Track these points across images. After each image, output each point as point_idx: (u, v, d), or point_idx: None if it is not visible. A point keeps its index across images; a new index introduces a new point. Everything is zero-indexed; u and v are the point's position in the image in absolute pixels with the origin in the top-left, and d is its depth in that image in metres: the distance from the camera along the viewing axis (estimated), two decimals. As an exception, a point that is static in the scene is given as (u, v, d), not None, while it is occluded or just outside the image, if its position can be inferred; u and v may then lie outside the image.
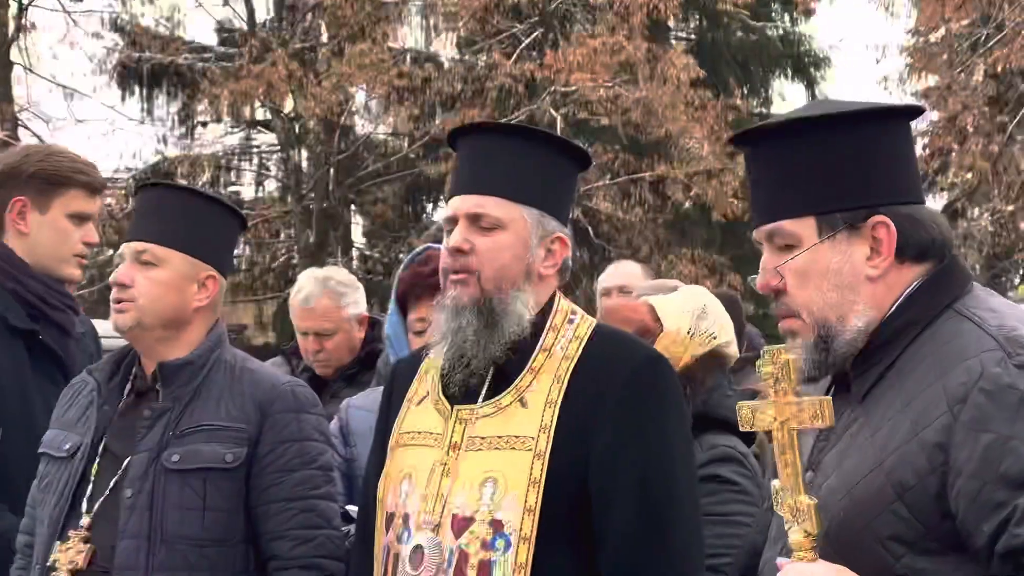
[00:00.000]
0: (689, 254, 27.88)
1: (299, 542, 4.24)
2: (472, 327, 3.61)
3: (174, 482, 4.20)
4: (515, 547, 3.44)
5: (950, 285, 3.03)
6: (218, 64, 27.21)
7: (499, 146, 3.73)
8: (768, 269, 3.08)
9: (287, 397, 4.35)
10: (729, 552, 4.27)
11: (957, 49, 27.68)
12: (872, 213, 2.98)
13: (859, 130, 3.01)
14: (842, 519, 2.89)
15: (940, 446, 2.77)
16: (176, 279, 4.37)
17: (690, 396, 4.41)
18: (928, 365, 2.89)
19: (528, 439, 3.51)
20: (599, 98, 25.67)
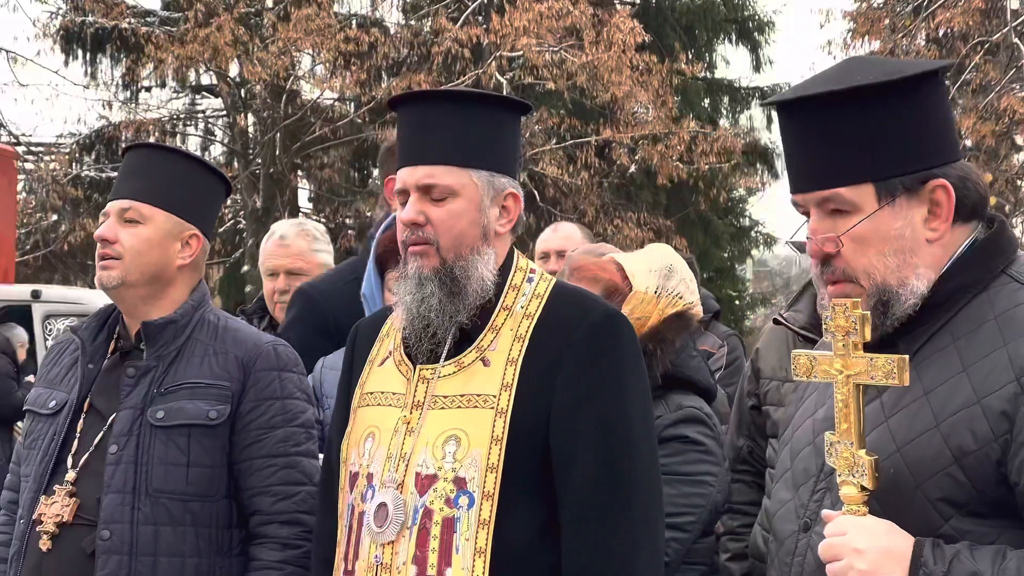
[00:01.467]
0: (635, 217, 28.00)
1: (280, 497, 4.33)
2: (436, 296, 3.65)
3: (159, 438, 4.27)
4: (478, 503, 3.49)
5: (1003, 249, 3.04)
6: (163, 28, 27.06)
7: (440, 113, 3.74)
8: (822, 235, 3.05)
9: (269, 356, 4.43)
10: (693, 511, 4.37)
11: (900, 13, 27.78)
12: (930, 176, 2.97)
13: (909, 94, 2.98)
14: (892, 476, 2.90)
15: (1005, 414, 2.78)
16: (160, 236, 4.43)
17: (659, 357, 4.50)
18: (989, 330, 2.90)
19: (490, 397, 3.57)
20: (545, 63, 25.76)
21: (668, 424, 4.44)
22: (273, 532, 4.32)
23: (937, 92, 3.06)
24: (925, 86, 3.02)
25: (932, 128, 3.01)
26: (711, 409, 4.68)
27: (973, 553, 2.76)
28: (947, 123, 3.06)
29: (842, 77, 3.10)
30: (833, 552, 2.87)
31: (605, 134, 26.98)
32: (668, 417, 4.46)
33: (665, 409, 4.48)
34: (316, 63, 27.91)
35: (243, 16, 26.64)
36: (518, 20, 25.28)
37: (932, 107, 3.02)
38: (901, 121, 2.98)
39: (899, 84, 2.99)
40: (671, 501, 4.25)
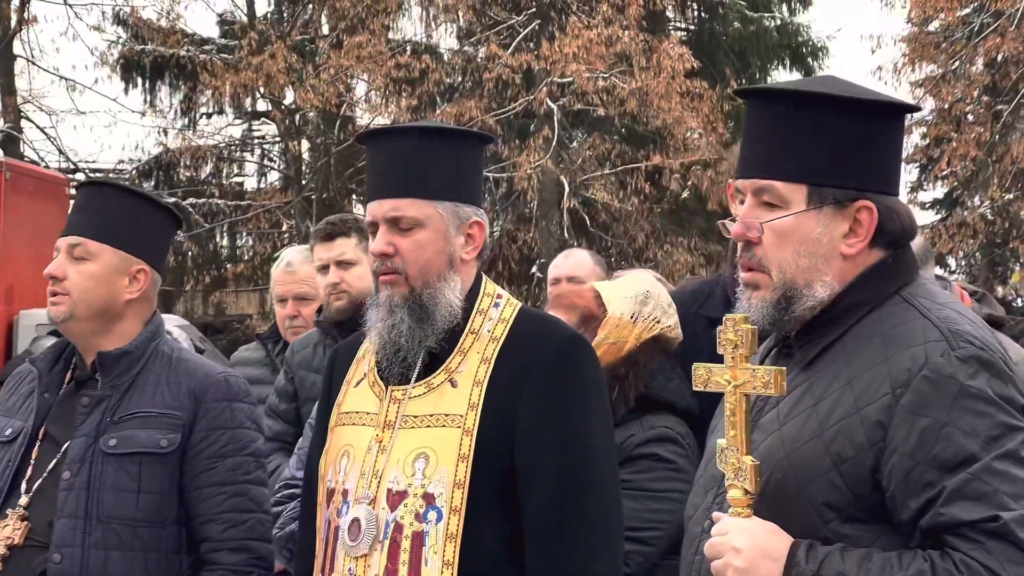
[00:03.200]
0: (686, 243, 27.97)
1: (230, 525, 4.44)
2: (406, 323, 3.83)
3: (111, 465, 4.37)
4: (446, 518, 3.65)
5: (899, 272, 3.22)
6: (219, 56, 27.33)
7: (405, 148, 3.94)
8: (748, 221, 3.23)
9: (220, 386, 4.55)
10: (659, 527, 4.47)
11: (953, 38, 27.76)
12: (860, 196, 3.15)
13: (865, 117, 3.18)
14: (779, 480, 3.08)
15: (880, 424, 2.97)
16: (107, 272, 4.54)
17: (632, 381, 4.62)
18: (875, 346, 3.08)
19: (457, 416, 3.74)
20: (595, 89, 25.79)
21: (639, 443, 4.55)
22: (222, 559, 4.42)
23: (893, 127, 3.26)
24: (884, 117, 3.23)
25: (878, 156, 3.20)
26: (687, 430, 4.75)
27: (844, 555, 2.94)
28: (893, 158, 3.26)
29: (813, 86, 3.29)
30: (715, 550, 3.08)
31: (656, 160, 26.97)
32: (640, 436, 4.57)
33: (639, 429, 4.59)
34: (369, 89, 28.08)
35: (297, 44, 26.89)
36: (568, 47, 25.38)
37: (884, 138, 3.22)
38: (848, 140, 3.16)
39: (856, 105, 3.18)
40: (638, 516, 4.38)
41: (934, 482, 2.90)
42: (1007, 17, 26.29)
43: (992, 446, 2.89)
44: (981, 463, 2.88)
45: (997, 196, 28.37)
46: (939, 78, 28.63)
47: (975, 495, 2.87)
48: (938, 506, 2.89)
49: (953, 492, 2.88)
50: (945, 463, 2.90)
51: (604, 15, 26.13)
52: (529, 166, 25.64)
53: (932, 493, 2.90)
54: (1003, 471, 2.88)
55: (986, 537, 2.85)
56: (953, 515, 2.88)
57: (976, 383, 2.94)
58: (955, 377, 2.95)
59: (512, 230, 27.57)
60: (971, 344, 2.99)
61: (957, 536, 2.88)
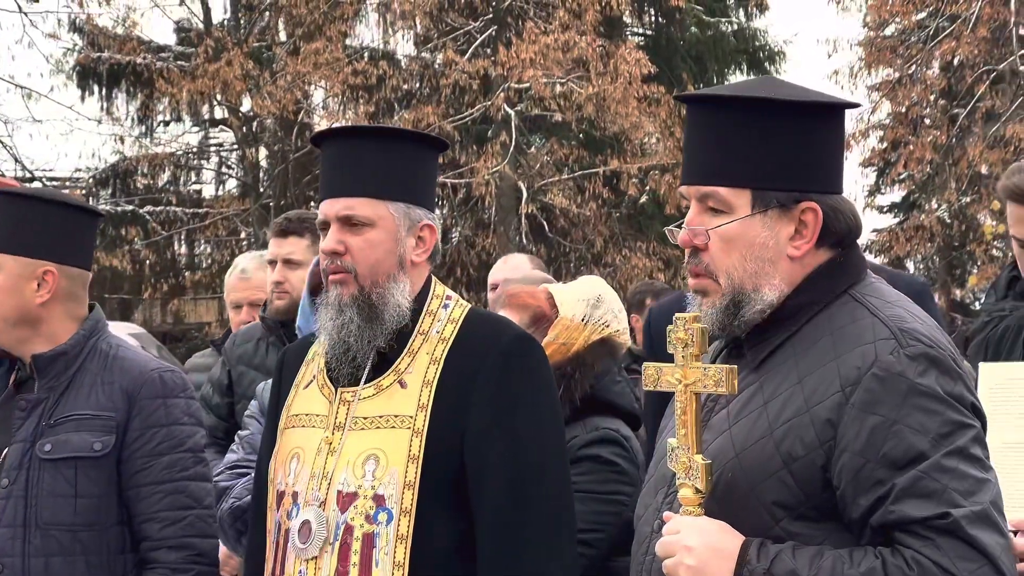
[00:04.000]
0: (644, 248, 28.00)
1: (168, 523, 4.41)
2: (355, 323, 3.83)
3: (47, 471, 4.35)
4: (396, 520, 3.66)
5: (848, 271, 3.21)
6: (176, 63, 27.25)
7: (359, 148, 3.96)
8: (694, 227, 3.22)
9: (154, 383, 4.49)
10: (603, 528, 4.49)
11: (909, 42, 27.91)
12: (804, 198, 3.15)
13: (805, 119, 3.17)
14: (730, 480, 3.07)
15: (830, 423, 2.96)
16: (12, 282, 4.46)
17: (579, 380, 4.63)
18: (824, 345, 3.08)
19: (407, 417, 3.74)
20: (552, 94, 25.83)
21: (582, 444, 4.56)
22: (162, 557, 4.40)
23: (833, 126, 3.25)
24: (821, 117, 3.21)
25: (819, 156, 3.19)
26: (631, 432, 4.78)
27: (795, 552, 2.93)
28: (833, 155, 3.24)
29: (752, 89, 3.30)
30: (667, 549, 3.06)
31: (613, 165, 27.02)
32: (583, 437, 4.59)
33: (582, 430, 4.60)
34: (327, 96, 28.05)
35: (254, 50, 26.85)
36: (525, 52, 25.41)
37: (823, 137, 3.21)
38: (790, 142, 3.15)
39: (795, 107, 3.17)
40: (581, 518, 4.34)
41: (884, 480, 2.90)
42: (962, 21, 26.42)
43: (942, 443, 2.90)
44: (931, 460, 2.88)
45: (954, 199, 28.50)
46: (895, 82, 28.75)
47: (925, 492, 2.87)
48: (888, 504, 2.90)
49: (903, 490, 2.88)
50: (895, 461, 2.90)
51: (561, 21, 26.15)
52: (487, 172, 25.66)
53: (882, 491, 2.90)
54: (953, 468, 2.89)
55: (936, 534, 2.85)
56: (903, 512, 2.88)
57: (925, 381, 2.95)
58: (904, 375, 2.95)
59: (470, 236, 27.54)
60: (920, 342, 3.00)
61: (907, 533, 2.88)
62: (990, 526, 2.88)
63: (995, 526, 2.89)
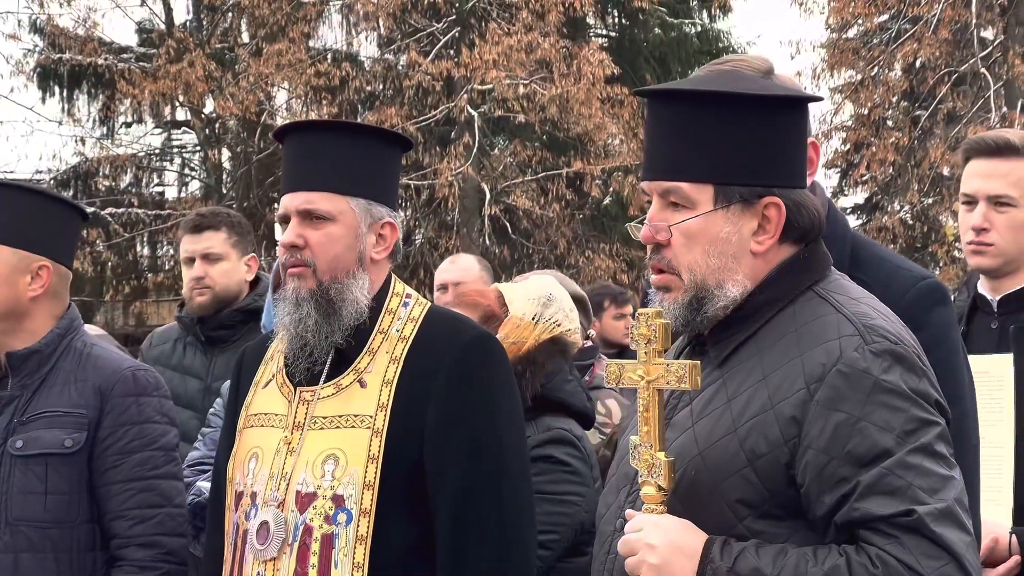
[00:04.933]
0: (607, 249, 28.02)
1: (137, 521, 4.40)
2: (312, 317, 3.78)
3: (18, 467, 4.35)
4: (356, 520, 3.63)
5: (812, 267, 3.18)
6: (138, 65, 27.14)
7: (323, 142, 3.91)
8: (656, 223, 3.18)
9: (127, 381, 4.50)
10: (557, 529, 4.49)
11: (871, 44, 28.00)
12: (766, 193, 3.11)
13: (767, 112, 3.13)
14: (693, 478, 3.04)
15: (794, 419, 2.93)
16: (7, 272, 4.47)
17: (529, 379, 4.62)
18: (788, 341, 3.04)
19: (367, 417, 3.70)
20: (516, 95, 25.84)
21: (535, 444, 4.54)
22: (131, 555, 4.39)
23: (794, 119, 3.20)
24: (784, 111, 3.17)
25: (781, 151, 3.15)
26: (583, 432, 4.78)
27: (759, 550, 2.90)
28: (795, 149, 3.19)
29: (711, 82, 3.27)
30: (630, 547, 3.02)
31: (577, 166, 27.03)
32: (536, 438, 4.57)
33: (535, 430, 4.59)
34: (290, 97, 28.00)
35: (216, 52, 26.76)
36: (488, 54, 25.41)
37: (786, 131, 3.16)
38: (752, 136, 3.11)
39: (757, 101, 3.14)
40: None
41: (848, 477, 2.87)
42: (924, 23, 26.52)
43: (906, 440, 2.87)
44: (895, 457, 2.85)
45: (916, 201, 28.59)
46: (857, 84, 28.84)
47: (889, 490, 2.84)
48: (852, 501, 2.86)
49: (867, 487, 2.85)
50: (859, 458, 2.87)
51: (524, 22, 26.15)
52: (450, 173, 25.64)
53: (846, 488, 2.87)
54: (917, 465, 2.86)
55: (901, 532, 2.82)
56: (867, 510, 2.85)
57: (890, 377, 2.92)
58: (869, 371, 2.92)
59: (434, 238, 27.49)
60: (885, 339, 2.97)
61: (872, 531, 2.85)
62: (955, 523, 2.85)
63: (960, 524, 2.86)
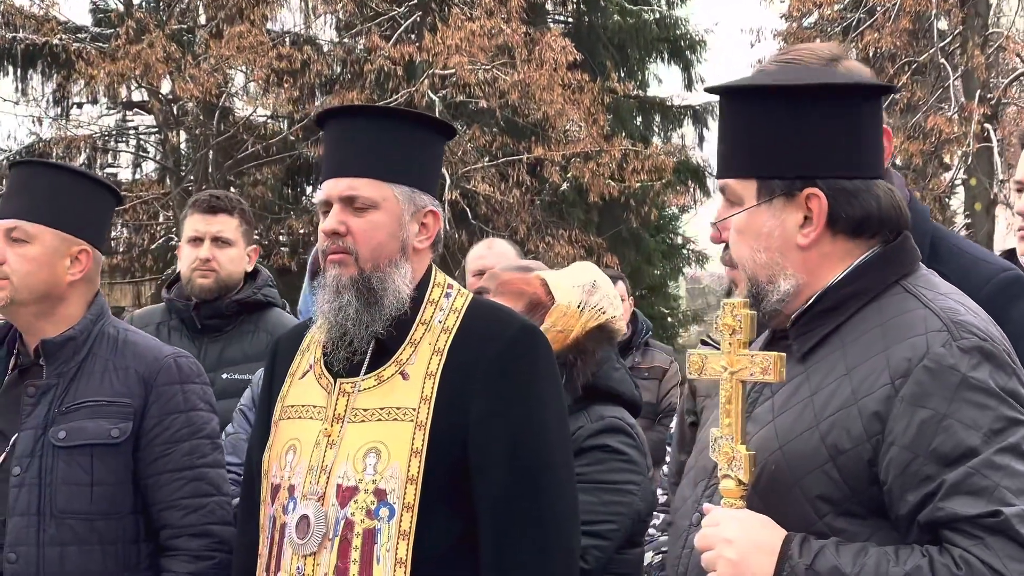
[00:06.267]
0: (567, 235, 28.02)
1: (190, 510, 4.35)
2: (353, 306, 3.73)
3: (61, 458, 4.27)
4: (398, 515, 3.57)
5: (900, 261, 3.13)
6: (94, 45, 26.90)
7: (366, 128, 3.85)
8: (715, 221, 3.23)
9: (171, 369, 4.44)
10: (615, 519, 4.44)
11: (830, 33, 28.06)
12: (807, 184, 3.07)
13: (803, 103, 3.08)
14: (773, 472, 3.00)
15: (878, 415, 2.88)
16: (47, 255, 4.41)
17: (580, 368, 4.57)
18: (873, 336, 3.00)
19: (409, 410, 3.65)
20: (477, 81, 25.81)
21: (589, 434, 4.51)
22: (183, 545, 4.35)
23: (845, 108, 3.13)
24: (827, 100, 3.11)
25: (823, 140, 3.09)
26: (634, 420, 4.74)
27: (838, 549, 2.86)
28: (846, 138, 3.12)
29: (762, 77, 3.28)
30: (706, 542, 2.99)
31: (537, 152, 27.00)
32: (589, 427, 4.53)
33: (587, 420, 4.55)
34: (249, 80, 27.86)
35: (175, 33, 26.58)
36: (450, 39, 25.36)
37: (828, 121, 3.10)
38: (795, 128, 3.08)
39: (793, 91, 3.10)
40: (592, 509, 4.33)
41: (933, 476, 2.83)
42: (884, 12, 26.61)
43: (993, 440, 2.82)
44: (982, 457, 2.81)
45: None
46: (816, 72, 28.88)
47: (975, 490, 2.80)
48: (937, 500, 2.82)
49: (953, 486, 2.81)
50: (945, 456, 2.82)
51: (486, 7, 26.10)
52: (410, 158, 25.49)
53: (931, 487, 2.83)
54: (1004, 465, 2.81)
55: (986, 533, 2.78)
56: (952, 510, 2.80)
57: (978, 375, 2.87)
58: (956, 368, 2.86)
59: (393, 222, 27.37)
60: (974, 335, 2.92)
61: (956, 531, 2.80)
62: None
63: None
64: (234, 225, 6.34)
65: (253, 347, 6.26)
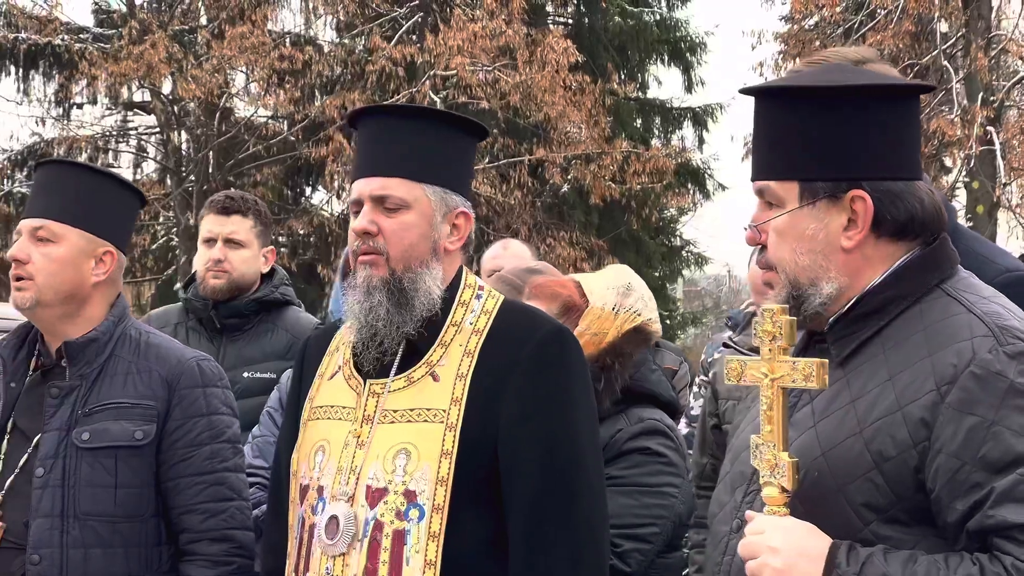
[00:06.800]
0: (567, 237, 28.04)
1: (209, 515, 4.35)
2: (384, 306, 3.70)
3: (85, 460, 4.26)
4: (428, 516, 3.55)
5: (940, 264, 3.11)
6: (96, 45, 26.90)
7: (399, 127, 3.82)
8: (753, 223, 3.19)
9: (193, 372, 4.44)
10: (656, 522, 4.40)
11: (831, 35, 28.04)
12: (853, 186, 3.05)
13: (848, 105, 3.06)
14: (815, 479, 2.98)
15: (924, 422, 2.86)
16: (73, 255, 4.40)
17: (618, 371, 4.53)
18: (917, 341, 2.98)
19: (440, 411, 3.62)
20: (478, 82, 25.80)
21: (629, 436, 4.48)
22: (203, 549, 4.35)
23: (887, 110, 3.10)
24: (869, 102, 3.08)
25: (868, 142, 3.07)
26: (673, 422, 4.71)
27: (886, 556, 2.84)
28: (890, 140, 3.09)
29: (799, 78, 3.25)
30: (751, 550, 2.96)
31: (538, 153, 27.02)
32: (629, 430, 4.50)
33: (626, 422, 4.52)
34: (250, 81, 27.85)
35: (177, 33, 26.57)
36: (452, 40, 25.37)
37: (873, 122, 3.07)
38: (834, 130, 3.06)
39: (836, 92, 3.08)
40: (633, 512, 4.33)
41: (982, 483, 2.80)
42: (887, 14, 26.58)
43: None
44: None
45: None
46: (817, 74, 28.86)
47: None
48: (986, 508, 2.80)
49: (1002, 494, 2.78)
50: (993, 463, 2.80)
51: (487, 8, 26.09)
52: (411, 158, 25.46)
53: (980, 495, 2.80)
54: None
55: None
56: (1002, 517, 2.78)
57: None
58: (1004, 374, 2.84)
59: (394, 222, 27.36)
60: (1019, 340, 2.89)
61: (1006, 539, 2.78)
62: None
63: None
64: (248, 226, 6.33)
65: (272, 345, 6.28)
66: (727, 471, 3.38)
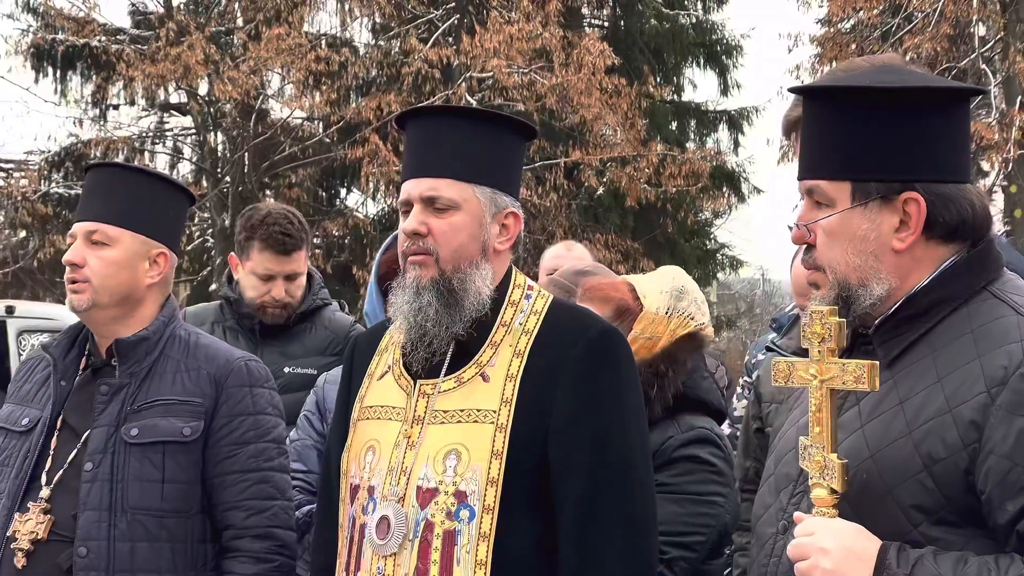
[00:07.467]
0: (603, 240, 28.01)
1: (253, 512, 4.39)
2: (433, 307, 3.71)
3: (133, 455, 4.31)
4: (479, 517, 3.56)
5: (986, 266, 3.11)
6: (133, 47, 26.99)
7: (448, 128, 3.82)
8: (801, 223, 3.18)
9: (241, 372, 4.48)
10: (702, 531, 4.39)
11: (868, 38, 27.96)
12: (906, 188, 3.04)
13: (904, 106, 3.05)
14: (864, 481, 2.98)
15: (975, 424, 2.85)
16: (128, 258, 4.45)
17: (672, 378, 4.52)
18: (966, 343, 2.97)
19: (490, 412, 3.64)
20: (515, 84, 25.79)
21: (679, 444, 4.46)
22: (246, 546, 4.38)
23: (940, 112, 3.10)
24: (926, 104, 3.08)
25: (921, 143, 3.07)
26: (722, 431, 4.70)
27: (937, 558, 2.84)
28: (943, 142, 3.09)
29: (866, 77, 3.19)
30: (800, 552, 2.96)
31: (574, 156, 27.00)
32: (679, 437, 4.47)
33: (676, 429, 4.49)
34: (286, 82, 27.89)
35: (214, 35, 26.65)
36: (489, 42, 25.36)
37: (927, 124, 3.07)
38: (889, 131, 3.05)
39: (891, 93, 3.06)
40: (680, 520, 4.32)
41: None
42: (925, 17, 26.48)
43: None
44: None
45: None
46: (855, 78, 28.75)
47: None
48: None
49: None
50: None
51: (524, 10, 26.09)
52: (447, 161, 25.46)
53: None
54: None
55: None
56: None
57: None
58: None
59: (430, 225, 27.38)
60: None
61: None
62: None
63: None
64: (303, 257, 6.34)
65: (312, 341, 6.34)
66: (771, 473, 3.38)
